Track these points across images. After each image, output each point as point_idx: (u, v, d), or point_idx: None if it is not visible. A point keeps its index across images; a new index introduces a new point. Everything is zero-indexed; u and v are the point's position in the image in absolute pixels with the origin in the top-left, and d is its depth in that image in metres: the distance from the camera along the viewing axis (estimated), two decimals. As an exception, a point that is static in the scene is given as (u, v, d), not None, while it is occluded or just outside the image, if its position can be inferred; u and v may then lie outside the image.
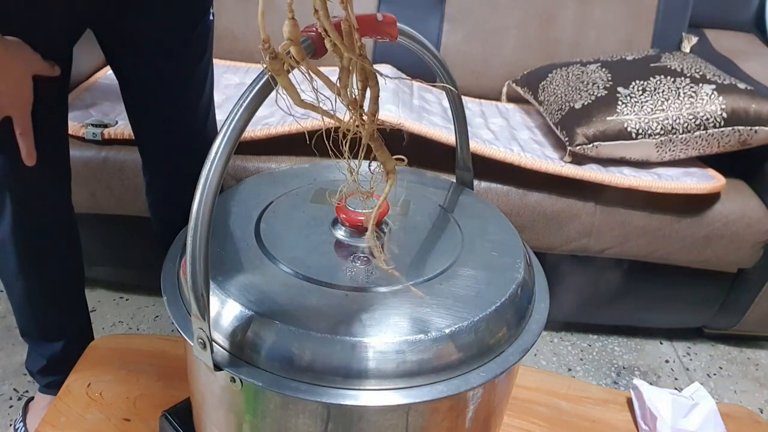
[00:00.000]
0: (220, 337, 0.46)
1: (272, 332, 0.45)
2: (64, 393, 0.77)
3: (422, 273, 0.50)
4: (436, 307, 0.47)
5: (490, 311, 0.48)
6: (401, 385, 0.44)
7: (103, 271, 1.52)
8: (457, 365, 0.46)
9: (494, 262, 0.53)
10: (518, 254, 0.55)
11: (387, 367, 0.44)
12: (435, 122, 1.32)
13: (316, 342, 0.44)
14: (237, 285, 0.48)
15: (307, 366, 0.44)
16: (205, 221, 0.40)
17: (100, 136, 1.28)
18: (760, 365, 1.55)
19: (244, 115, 0.40)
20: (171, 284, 0.53)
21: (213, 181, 0.40)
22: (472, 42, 1.67)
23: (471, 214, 0.61)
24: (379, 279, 0.49)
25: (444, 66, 0.58)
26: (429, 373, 0.45)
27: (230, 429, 0.51)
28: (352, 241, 0.54)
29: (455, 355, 0.46)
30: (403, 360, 0.44)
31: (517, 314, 0.50)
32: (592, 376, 1.47)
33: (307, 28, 0.43)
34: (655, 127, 1.28)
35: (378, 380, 0.44)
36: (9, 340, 1.41)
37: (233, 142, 0.40)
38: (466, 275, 0.51)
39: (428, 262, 0.52)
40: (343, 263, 0.51)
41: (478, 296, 0.49)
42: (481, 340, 0.47)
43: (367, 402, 0.44)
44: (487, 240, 0.56)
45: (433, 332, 0.45)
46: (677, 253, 1.35)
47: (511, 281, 0.51)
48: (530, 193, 1.30)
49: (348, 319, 0.45)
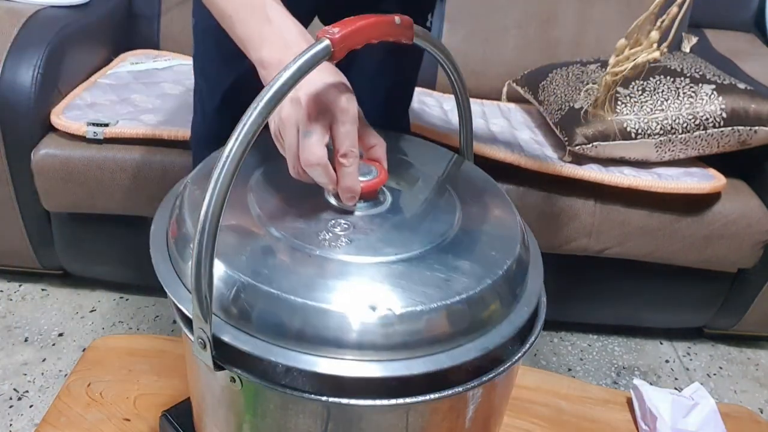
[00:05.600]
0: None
1: (260, 298, 0.44)
2: (64, 393, 0.77)
3: (417, 244, 0.49)
4: (429, 280, 0.46)
5: (484, 286, 0.47)
6: (389, 357, 0.44)
7: (103, 271, 1.52)
8: (447, 339, 0.45)
9: (490, 238, 0.53)
10: (515, 231, 0.54)
11: (374, 339, 0.43)
12: (435, 124, 1.32)
13: (304, 310, 0.43)
14: (225, 249, 0.47)
15: (295, 333, 0.43)
16: (213, 224, 0.40)
17: (102, 135, 1.28)
18: (760, 365, 1.55)
19: (258, 120, 0.41)
20: (160, 244, 0.52)
21: (222, 185, 0.40)
22: (472, 42, 1.67)
23: (471, 187, 0.60)
24: (371, 248, 0.49)
25: (456, 68, 0.58)
26: (420, 346, 0.44)
27: (230, 429, 0.51)
28: (349, 209, 0.53)
29: (446, 328, 0.45)
30: (393, 332, 0.44)
31: (510, 290, 0.50)
32: (592, 376, 1.47)
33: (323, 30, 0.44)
34: (654, 127, 1.28)
35: (365, 351, 0.44)
36: (9, 340, 1.41)
37: (245, 146, 0.40)
38: (461, 248, 0.50)
39: (423, 234, 0.51)
40: (335, 231, 0.50)
41: (472, 270, 0.48)
42: (473, 314, 0.46)
43: (352, 373, 0.43)
44: (485, 215, 0.56)
45: (426, 304, 0.44)
46: (677, 253, 1.35)
47: (506, 257, 0.50)
48: (530, 193, 1.30)
49: (338, 288, 0.45)
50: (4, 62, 1.28)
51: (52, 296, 1.54)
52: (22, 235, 1.41)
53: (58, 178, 1.30)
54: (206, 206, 0.40)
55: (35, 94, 1.29)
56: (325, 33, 0.44)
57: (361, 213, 0.52)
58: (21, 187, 1.34)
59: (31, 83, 1.28)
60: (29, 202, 1.36)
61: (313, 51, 0.43)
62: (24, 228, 1.40)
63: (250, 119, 0.41)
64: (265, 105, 0.41)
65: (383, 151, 0.55)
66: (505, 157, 1.26)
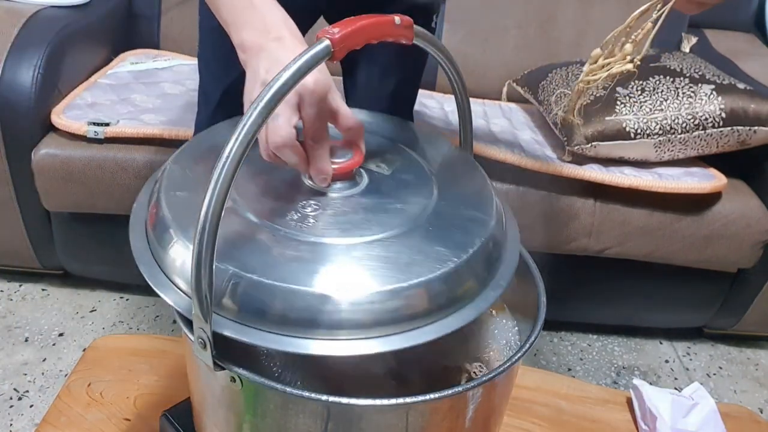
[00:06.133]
0: (183, 283, 0.47)
1: (242, 284, 0.44)
2: (64, 393, 0.77)
3: (387, 225, 0.50)
4: (407, 257, 0.47)
5: (461, 260, 0.47)
6: (377, 333, 0.44)
7: (103, 271, 1.52)
8: (429, 313, 0.46)
9: (463, 219, 0.53)
10: (490, 207, 0.54)
11: (359, 317, 0.44)
12: (436, 125, 1.32)
13: (284, 294, 0.44)
14: None
15: (277, 317, 0.44)
16: (213, 224, 0.40)
17: (102, 135, 1.28)
18: (760, 365, 1.55)
19: (258, 120, 0.41)
20: (140, 230, 0.52)
21: (223, 185, 0.40)
22: (472, 42, 1.67)
23: (452, 169, 0.60)
24: (338, 228, 0.49)
25: (456, 68, 0.58)
26: (404, 321, 0.45)
27: (230, 429, 0.51)
28: (323, 191, 0.53)
29: (426, 303, 0.46)
30: (378, 309, 0.44)
31: (485, 267, 0.50)
32: (592, 376, 1.47)
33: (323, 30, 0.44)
34: (653, 127, 1.28)
35: (351, 330, 0.44)
36: (9, 340, 1.41)
37: (245, 146, 0.40)
38: (438, 225, 0.51)
39: (395, 215, 0.52)
40: (304, 212, 0.51)
41: (447, 247, 0.49)
42: (452, 288, 0.47)
43: (341, 351, 0.44)
44: (461, 196, 0.56)
45: (405, 281, 0.45)
46: (677, 253, 1.35)
47: (481, 233, 0.51)
48: (530, 193, 1.30)
49: (318, 270, 0.45)
50: (4, 62, 1.28)
51: (53, 296, 1.54)
52: (23, 235, 1.41)
53: (59, 177, 1.30)
54: (206, 206, 0.40)
55: (35, 94, 1.29)
56: (325, 33, 0.44)
57: (335, 194, 0.53)
58: (21, 187, 1.34)
59: (31, 83, 1.28)
60: (29, 202, 1.36)
61: (313, 51, 0.43)
62: (24, 228, 1.40)
63: (250, 119, 0.41)
64: (265, 105, 0.41)
65: (361, 134, 0.55)
66: (505, 158, 1.26)
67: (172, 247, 0.48)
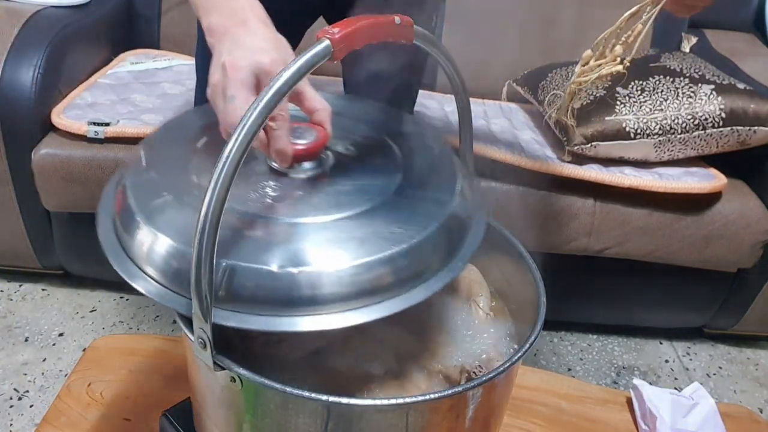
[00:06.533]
0: (155, 272, 0.48)
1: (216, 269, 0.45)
2: (64, 393, 0.77)
3: (359, 201, 0.50)
4: (375, 232, 0.48)
5: (421, 238, 0.48)
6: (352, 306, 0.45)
7: (103, 271, 1.52)
8: (399, 284, 0.47)
9: (428, 195, 0.54)
10: (453, 188, 0.54)
11: (334, 290, 0.45)
12: (436, 126, 1.32)
13: (257, 275, 0.44)
14: (170, 221, 0.48)
15: (252, 298, 0.44)
16: (213, 224, 0.40)
17: (103, 135, 1.28)
18: (760, 365, 1.55)
19: (258, 120, 0.41)
20: (107, 221, 0.54)
21: (223, 185, 0.40)
22: (472, 42, 1.67)
23: (421, 149, 0.61)
24: (309, 209, 0.49)
25: (456, 69, 0.58)
26: (377, 292, 0.46)
27: (230, 429, 0.51)
28: (289, 172, 0.53)
29: (394, 275, 0.47)
30: (350, 282, 0.45)
31: (448, 240, 0.51)
32: (592, 376, 1.47)
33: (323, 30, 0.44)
34: (653, 127, 1.28)
35: (324, 305, 0.45)
36: (9, 340, 1.41)
37: (245, 146, 0.40)
38: (399, 205, 0.52)
39: (361, 194, 0.52)
40: (263, 191, 0.51)
41: (413, 220, 0.50)
42: (419, 260, 0.48)
43: (311, 327, 0.44)
44: (427, 174, 0.57)
45: (376, 254, 0.46)
46: (677, 253, 1.35)
47: (441, 213, 0.51)
48: (530, 193, 1.30)
49: (283, 250, 0.46)
50: (4, 62, 1.28)
51: (53, 296, 1.54)
52: (23, 235, 1.41)
53: (59, 177, 1.30)
54: (206, 206, 0.40)
55: (35, 94, 1.29)
56: (325, 33, 0.44)
57: (298, 175, 0.53)
58: (21, 186, 1.34)
59: (31, 83, 1.28)
60: (29, 201, 1.36)
61: (313, 51, 0.43)
62: (24, 228, 1.40)
63: (249, 119, 0.41)
64: (264, 105, 0.41)
65: (327, 115, 0.56)
66: (505, 158, 1.26)
67: (139, 235, 0.49)
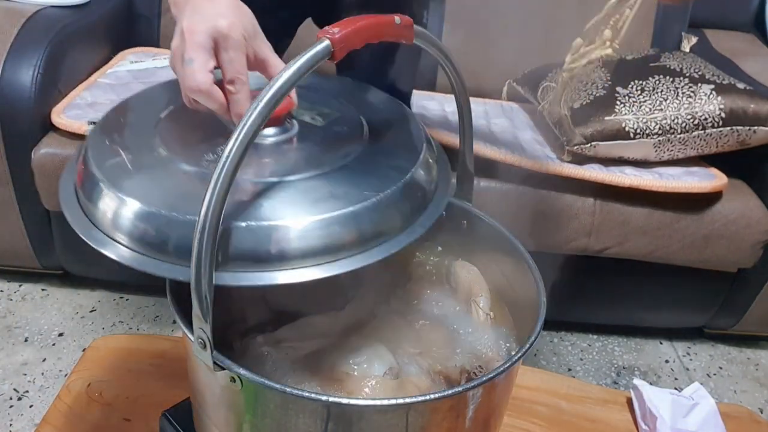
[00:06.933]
0: (123, 237, 0.49)
1: (179, 227, 0.46)
2: (64, 393, 0.77)
3: (320, 164, 0.51)
4: (333, 192, 0.49)
5: (386, 195, 0.50)
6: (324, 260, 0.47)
7: (103, 271, 1.52)
8: (362, 241, 0.48)
9: (389, 162, 0.55)
10: (415, 158, 0.55)
11: (306, 244, 0.46)
12: (436, 127, 1.32)
13: (229, 231, 0.45)
14: (138, 185, 0.49)
15: (229, 254, 0.45)
16: (212, 225, 0.40)
17: (101, 136, 1.28)
18: (760, 365, 1.55)
19: (258, 120, 0.41)
20: (69, 194, 0.54)
21: (223, 185, 0.40)
22: (472, 42, 1.67)
23: (388, 122, 0.62)
24: (276, 171, 0.50)
25: (456, 68, 0.58)
26: (348, 248, 0.47)
27: (230, 429, 0.51)
28: None
29: (356, 232, 0.48)
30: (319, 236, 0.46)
31: (415, 197, 0.53)
32: (592, 376, 1.47)
33: (323, 30, 0.44)
34: (653, 127, 1.28)
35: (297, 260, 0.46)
36: (9, 340, 1.41)
37: (245, 146, 0.40)
38: (368, 162, 0.53)
39: (328, 155, 0.53)
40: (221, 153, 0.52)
41: (372, 183, 0.51)
42: (378, 220, 0.49)
43: (289, 279, 0.45)
44: (390, 144, 0.58)
45: (336, 212, 0.47)
46: (677, 252, 1.35)
47: (398, 179, 0.52)
48: (530, 193, 1.30)
49: (247, 207, 0.46)
50: (4, 62, 1.28)
51: (52, 296, 1.54)
52: (22, 235, 1.41)
53: (59, 177, 1.30)
54: (206, 206, 0.40)
55: (35, 93, 1.29)
56: (325, 33, 0.44)
57: (261, 140, 0.54)
58: (21, 186, 1.34)
59: (31, 83, 1.28)
60: (29, 201, 1.36)
61: (313, 51, 0.43)
62: (24, 228, 1.40)
63: (249, 119, 0.41)
64: (265, 105, 0.41)
65: None
66: (505, 158, 1.26)
67: (102, 202, 0.49)
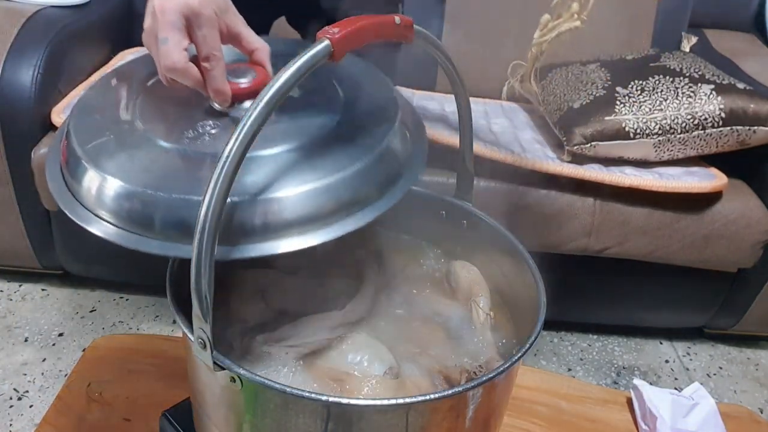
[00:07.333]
0: (107, 214, 0.49)
1: (161, 204, 0.46)
2: (64, 393, 0.77)
3: (301, 136, 0.52)
4: (312, 163, 0.49)
5: (362, 163, 0.50)
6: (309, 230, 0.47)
7: (103, 271, 1.52)
8: (342, 209, 0.49)
9: (368, 127, 0.55)
10: (388, 130, 0.56)
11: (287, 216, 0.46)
12: (436, 127, 1.32)
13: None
14: (117, 163, 0.49)
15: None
16: (212, 224, 0.40)
17: (101, 136, 1.28)
18: (760, 365, 1.55)
19: (258, 121, 0.41)
20: (54, 168, 0.53)
21: (223, 185, 0.40)
22: (472, 42, 1.67)
23: (365, 94, 0.62)
24: (261, 144, 0.50)
25: (456, 68, 0.58)
26: (323, 217, 0.48)
27: (230, 429, 0.51)
28: (230, 112, 0.54)
29: (335, 201, 0.49)
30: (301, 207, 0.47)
31: (391, 165, 0.54)
32: (592, 376, 1.47)
33: (323, 30, 0.44)
34: (653, 127, 1.28)
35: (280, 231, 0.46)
36: (9, 340, 1.41)
37: (245, 146, 0.40)
38: (344, 134, 0.53)
39: (305, 127, 0.53)
40: (200, 130, 0.52)
41: (355, 150, 0.51)
42: (355, 188, 0.50)
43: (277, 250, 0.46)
44: (364, 115, 0.58)
45: (316, 182, 0.48)
46: (677, 252, 1.35)
47: (380, 142, 0.53)
48: (530, 193, 1.30)
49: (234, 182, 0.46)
50: (4, 62, 1.28)
51: (52, 296, 1.54)
52: (22, 235, 1.41)
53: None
54: (206, 206, 0.40)
55: (35, 93, 1.29)
56: (325, 33, 0.44)
57: (237, 114, 0.54)
58: (21, 186, 1.34)
59: (31, 83, 1.28)
60: (29, 201, 1.36)
61: (313, 51, 0.43)
62: (24, 228, 1.40)
63: (249, 119, 0.41)
64: (265, 105, 0.41)
65: (266, 55, 0.56)
66: (505, 158, 1.26)
67: (86, 179, 0.49)
